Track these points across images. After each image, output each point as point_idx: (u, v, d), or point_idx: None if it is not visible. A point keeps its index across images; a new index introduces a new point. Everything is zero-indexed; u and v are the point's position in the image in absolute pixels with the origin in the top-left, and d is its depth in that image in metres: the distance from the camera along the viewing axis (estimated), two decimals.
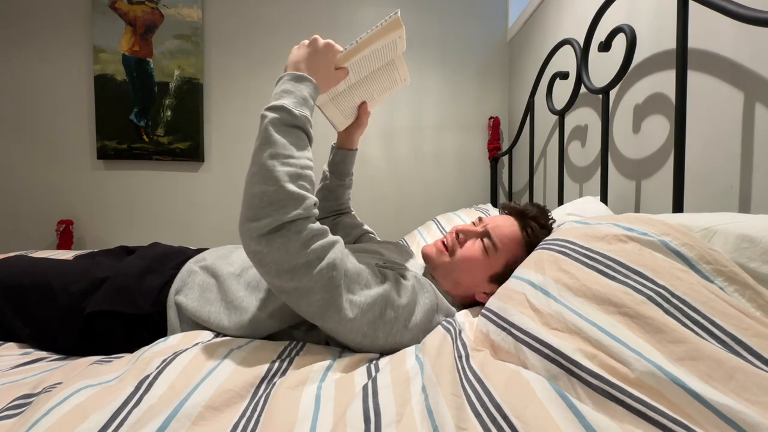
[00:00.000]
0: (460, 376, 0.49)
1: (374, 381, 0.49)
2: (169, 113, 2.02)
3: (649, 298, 0.47)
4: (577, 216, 0.99)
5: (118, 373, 0.52)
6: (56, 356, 0.66)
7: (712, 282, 0.48)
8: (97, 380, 0.49)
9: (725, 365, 0.38)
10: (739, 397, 0.36)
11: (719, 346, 0.41)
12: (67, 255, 1.11)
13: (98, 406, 0.43)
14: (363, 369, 0.56)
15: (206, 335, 0.64)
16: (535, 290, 0.57)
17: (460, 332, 0.61)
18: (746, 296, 0.47)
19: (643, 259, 0.53)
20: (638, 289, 0.49)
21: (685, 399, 0.37)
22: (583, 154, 1.42)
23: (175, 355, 0.54)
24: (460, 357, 0.54)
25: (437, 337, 0.60)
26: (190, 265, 0.76)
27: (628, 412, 0.38)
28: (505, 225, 0.79)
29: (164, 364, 0.51)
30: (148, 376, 0.48)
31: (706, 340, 0.42)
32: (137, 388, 0.46)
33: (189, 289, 0.71)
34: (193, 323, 0.68)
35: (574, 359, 0.44)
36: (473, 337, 0.61)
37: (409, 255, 0.92)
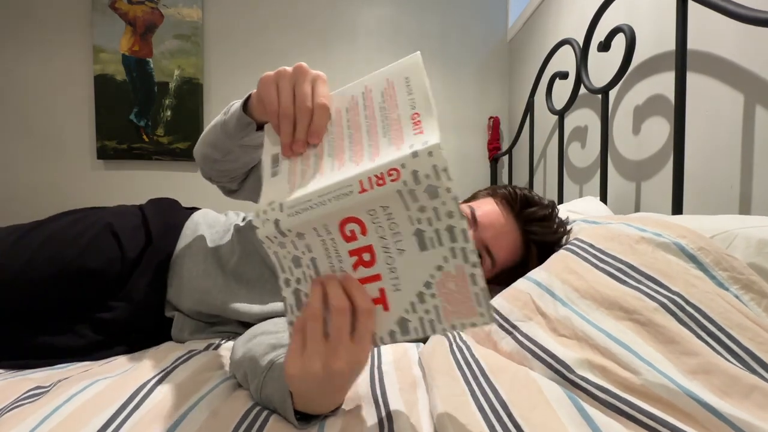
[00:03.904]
0: (463, 372, 0.48)
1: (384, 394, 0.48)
2: (169, 113, 2.02)
3: (663, 305, 0.46)
4: (578, 213, 0.99)
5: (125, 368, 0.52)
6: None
7: (727, 290, 0.47)
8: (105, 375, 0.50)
9: (741, 382, 0.37)
10: (754, 416, 0.34)
11: (734, 361, 0.40)
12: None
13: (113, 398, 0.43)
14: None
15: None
16: (540, 290, 0.56)
17: (460, 333, 0.61)
18: (762, 305, 0.45)
19: (656, 263, 0.51)
20: (651, 296, 0.47)
21: (700, 412, 0.35)
22: (583, 154, 1.42)
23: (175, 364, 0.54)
24: (461, 350, 0.53)
25: (432, 341, 0.60)
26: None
27: (638, 426, 0.36)
28: (507, 238, 0.69)
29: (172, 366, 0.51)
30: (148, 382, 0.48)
31: (720, 354, 0.41)
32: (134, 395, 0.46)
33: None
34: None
35: (580, 374, 0.43)
36: (472, 332, 0.60)
37: None
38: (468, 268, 0.33)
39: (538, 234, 0.68)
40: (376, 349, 0.61)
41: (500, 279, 0.73)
